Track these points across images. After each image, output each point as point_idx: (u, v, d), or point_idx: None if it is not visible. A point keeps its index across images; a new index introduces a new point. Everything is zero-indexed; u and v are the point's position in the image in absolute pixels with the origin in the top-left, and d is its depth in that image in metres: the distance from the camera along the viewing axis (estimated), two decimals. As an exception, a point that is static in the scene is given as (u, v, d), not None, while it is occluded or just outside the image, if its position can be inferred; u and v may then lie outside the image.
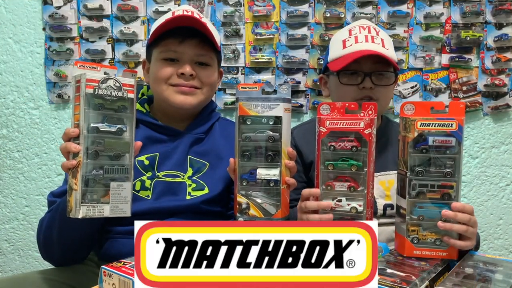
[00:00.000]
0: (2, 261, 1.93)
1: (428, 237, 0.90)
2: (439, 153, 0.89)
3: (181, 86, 1.15)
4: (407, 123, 0.90)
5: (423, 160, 0.90)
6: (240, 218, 0.93)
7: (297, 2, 1.71)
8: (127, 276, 0.75)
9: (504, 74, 1.68)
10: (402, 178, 0.93)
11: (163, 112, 1.22)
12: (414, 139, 0.89)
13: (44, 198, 1.86)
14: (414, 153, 0.90)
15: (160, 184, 1.13)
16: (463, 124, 0.88)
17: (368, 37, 1.20)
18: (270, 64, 1.73)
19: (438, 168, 0.89)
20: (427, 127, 0.88)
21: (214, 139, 1.22)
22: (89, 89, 0.87)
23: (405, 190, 0.91)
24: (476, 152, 1.74)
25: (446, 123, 0.88)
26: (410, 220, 0.91)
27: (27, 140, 1.86)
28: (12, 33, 1.82)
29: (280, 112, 0.92)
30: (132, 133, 0.93)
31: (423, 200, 0.90)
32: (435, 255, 0.89)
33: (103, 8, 1.75)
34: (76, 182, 0.86)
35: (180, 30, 1.15)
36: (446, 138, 0.88)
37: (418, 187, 0.90)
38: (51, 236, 1.03)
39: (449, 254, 0.89)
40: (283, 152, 0.93)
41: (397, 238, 0.95)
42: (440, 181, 0.89)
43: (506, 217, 1.76)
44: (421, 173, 0.90)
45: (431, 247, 0.90)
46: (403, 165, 0.92)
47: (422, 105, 0.90)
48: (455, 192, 0.89)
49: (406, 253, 0.90)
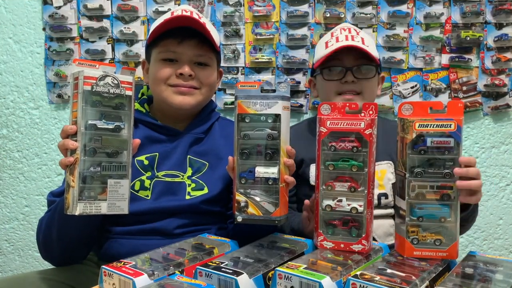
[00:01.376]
0: (2, 261, 1.93)
1: (428, 237, 0.89)
2: (438, 154, 0.88)
3: (180, 87, 1.15)
4: (405, 124, 0.89)
5: (422, 161, 0.89)
6: (238, 216, 0.93)
7: (297, 2, 1.71)
8: (128, 276, 0.75)
9: (504, 74, 1.68)
10: (401, 179, 0.92)
11: (162, 112, 1.22)
12: (413, 140, 0.88)
13: (44, 198, 1.86)
14: (413, 154, 0.89)
15: (160, 184, 1.13)
16: (461, 124, 0.87)
17: (349, 36, 1.29)
18: (270, 64, 1.73)
19: (437, 169, 0.89)
20: (426, 128, 0.87)
21: (213, 139, 1.22)
22: (87, 86, 0.87)
23: (404, 191, 0.90)
24: (476, 152, 1.74)
25: (444, 123, 0.87)
26: (410, 221, 0.90)
27: (27, 140, 1.86)
28: (12, 33, 1.82)
29: (279, 110, 0.92)
30: (130, 130, 0.93)
31: (422, 201, 0.89)
32: (435, 256, 0.88)
33: (103, 8, 1.76)
34: (73, 179, 0.86)
35: (179, 30, 1.15)
36: (444, 139, 0.87)
37: (417, 188, 0.89)
38: (50, 235, 1.03)
39: (449, 254, 0.88)
40: (282, 150, 0.93)
41: (397, 239, 0.95)
42: (439, 181, 0.88)
43: (506, 217, 1.76)
44: (420, 174, 0.89)
45: (431, 248, 0.89)
46: (401, 167, 0.91)
47: (420, 105, 0.89)
48: (455, 193, 0.88)
49: (406, 254, 0.89)
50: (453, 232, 0.89)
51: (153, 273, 0.77)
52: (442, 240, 0.89)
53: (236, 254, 0.89)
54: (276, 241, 0.99)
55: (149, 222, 1.10)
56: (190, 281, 0.74)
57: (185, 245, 0.96)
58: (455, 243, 0.88)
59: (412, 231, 0.90)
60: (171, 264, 0.82)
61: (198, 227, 1.12)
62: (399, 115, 0.91)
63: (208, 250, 0.91)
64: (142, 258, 0.86)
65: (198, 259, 0.87)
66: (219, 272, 0.76)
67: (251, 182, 0.93)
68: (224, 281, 0.75)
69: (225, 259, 0.84)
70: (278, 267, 0.77)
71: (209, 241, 0.98)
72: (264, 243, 0.97)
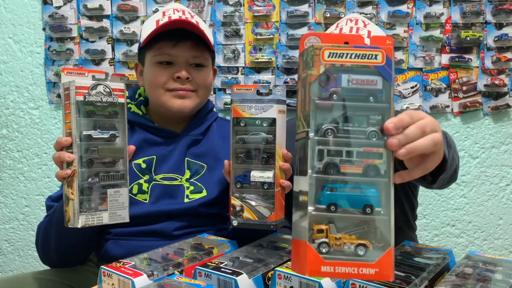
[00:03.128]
0: (2, 261, 1.93)
1: (345, 241, 0.55)
2: (358, 101, 0.57)
3: (177, 91, 1.13)
4: (308, 56, 0.57)
5: (334, 112, 0.56)
6: (234, 221, 0.93)
7: (297, 2, 1.71)
8: (127, 277, 0.75)
9: (504, 74, 1.68)
10: (302, 144, 0.58)
11: (159, 114, 1.20)
12: (319, 78, 0.56)
13: (44, 198, 1.86)
14: (321, 100, 0.56)
15: (158, 187, 1.12)
16: (392, 57, 0.57)
17: (353, 28, 1.21)
18: (270, 64, 1.73)
19: (357, 125, 0.56)
20: (340, 59, 0.56)
21: (211, 140, 1.21)
22: (79, 97, 0.86)
23: (306, 163, 0.56)
24: (476, 152, 1.74)
25: (367, 53, 0.57)
26: (315, 211, 0.55)
27: (27, 140, 1.86)
28: (12, 33, 1.82)
29: (274, 114, 0.91)
30: (125, 137, 0.92)
31: (335, 177, 0.56)
32: (357, 274, 0.54)
33: (103, 8, 1.76)
34: (72, 192, 0.86)
35: (173, 32, 1.12)
36: (368, 77, 0.57)
37: (327, 155, 0.56)
38: (48, 242, 1.03)
39: (380, 272, 0.54)
40: (278, 154, 0.92)
41: (293, 248, 0.59)
42: (361, 145, 0.56)
43: (506, 217, 1.76)
44: (331, 133, 0.56)
45: (350, 259, 0.54)
46: (303, 124, 0.58)
47: (332, 38, 0.59)
48: (385, 164, 0.56)
49: (308, 270, 0.54)
50: (385, 232, 0.55)
51: (153, 273, 0.77)
52: (368, 246, 0.55)
53: (236, 254, 0.89)
54: (275, 241, 0.99)
55: (148, 225, 1.10)
56: (190, 281, 0.74)
57: (184, 245, 0.96)
58: (388, 250, 0.55)
59: (319, 231, 0.55)
60: (171, 264, 0.82)
61: (197, 228, 1.12)
62: (300, 50, 0.60)
63: (207, 250, 0.91)
64: (141, 258, 0.86)
65: (197, 259, 0.87)
66: (219, 272, 0.76)
67: (246, 186, 0.92)
68: (224, 281, 0.75)
69: (225, 259, 0.84)
70: (278, 267, 0.77)
71: (208, 241, 0.98)
72: (263, 243, 0.97)
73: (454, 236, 1.78)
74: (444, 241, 1.78)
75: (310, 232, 0.54)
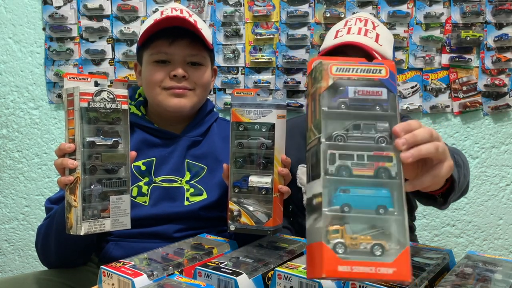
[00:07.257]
0: (2, 261, 1.93)
1: (361, 241, 0.55)
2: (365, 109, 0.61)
3: (174, 89, 1.12)
4: (317, 71, 0.63)
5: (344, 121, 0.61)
6: (231, 225, 0.92)
7: (297, 2, 1.71)
8: (127, 277, 0.75)
9: (504, 74, 1.68)
10: (314, 151, 0.61)
11: (158, 115, 1.19)
12: (328, 89, 0.61)
13: (44, 198, 1.86)
14: (330, 109, 0.61)
15: (158, 189, 1.11)
16: (395, 71, 0.63)
17: (362, 29, 1.17)
18: (270, 64, 1.73)
19: (366, 133, 0.60)
20: (346, 73, 0.62)
21: (212, 142, 1.20)
22: (83, 103, 0.86)
23: (319, 167, 0.59)
24: (476, 152, 1.74)
25: (372, 68, 0.62)
26: (330, 212, 0.56)
27: (27, 140, 1.86)
28: (12, 33, 1.82)
29: (273, 119, 0.90)
30: (127, 144, 0.92)
31: (348, 179, 0.58)
32: (375, 274, 0.54)
33: (103, 8, 1.76)
34: (75, 199, 0.85)
35: (170, 30, 1.11)
36: (374, 88, 0.61)
37: (338, 159, 0.59)
38: (48, 246, 1.02)
39: (398, 271, 0.54)
40: (276, 160, 0.91)
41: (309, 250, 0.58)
42: (371, 150, 0.60)
43: (506, 217, 1.76)
44: (342, 139, 0.60)
45: (367, 259, 0.54)
46: (314, 132, 0.62)
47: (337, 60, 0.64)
48: (396, 166, 0.59)
49: (324, 270, 0.53)
50: (400, 232, 0.56)
51: (152, 273, 0.77)
52: (385, 245, 0.55)
53: (236, 254, 0.89)
54: (275, 241, 0.99)
55: (148, 227, 1.10)
56: (190, 281, 0.74)
57: (184, 245, 0.96)
58: (405, 250, 0.55)
59: (334, 231, 0.55)
60: (170, 264, 0.82)
61: (198, 231, 1.11)
62: (308, 70, 0.66)
63: (207, 250, 0.91)
64: (141, 258, 0.86)
65: (197, 259, 0.87)
66: (219, 272, 0.76)
67: (244, 191, 0.91)
68: (224, 281, 0.75)
69: (225, 259, 0.84)
70: (278, 267, 0.77)
71: (208, 241, 0.98)
72: (263, 243, 0.97)
73: (454, 236, 1.78)
74: (444, 241, 1.78)
75: (326, 235, 0.55)
